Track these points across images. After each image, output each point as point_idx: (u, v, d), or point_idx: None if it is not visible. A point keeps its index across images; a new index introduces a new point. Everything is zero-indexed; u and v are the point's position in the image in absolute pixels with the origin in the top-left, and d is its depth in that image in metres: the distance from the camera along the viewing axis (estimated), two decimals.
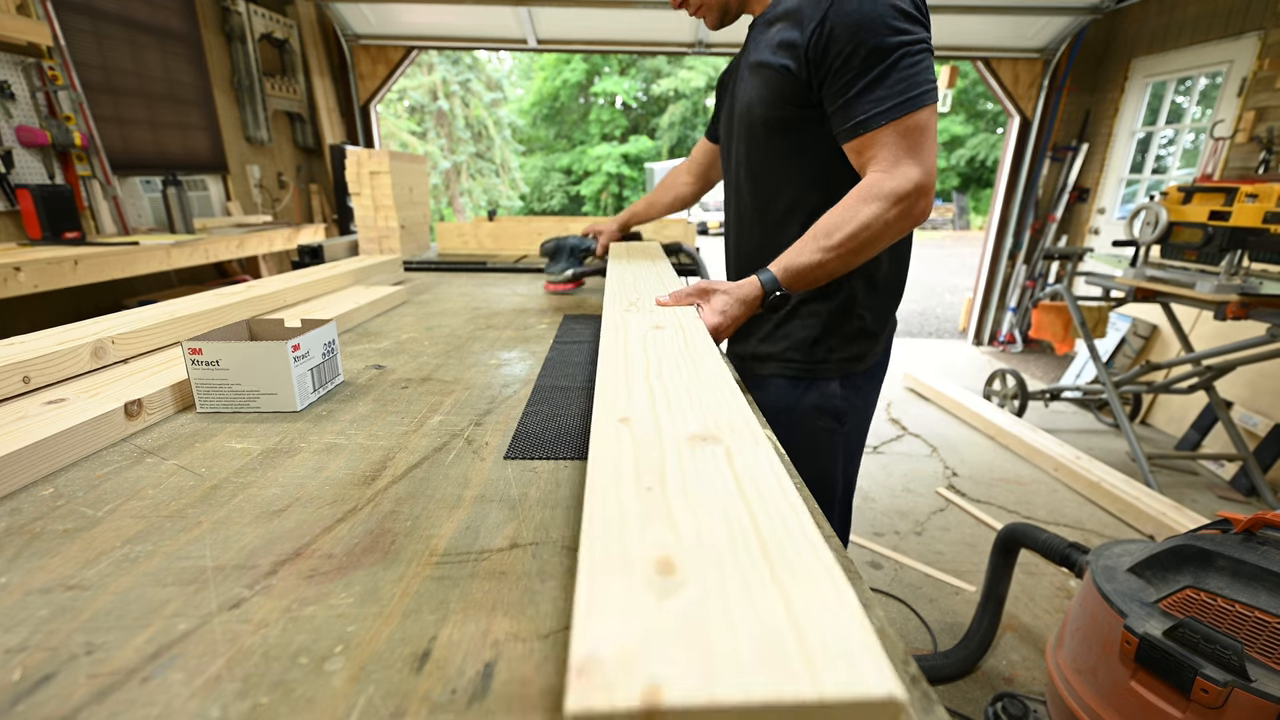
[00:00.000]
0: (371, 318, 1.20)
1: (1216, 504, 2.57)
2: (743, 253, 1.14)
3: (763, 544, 0.29)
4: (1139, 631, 1.03)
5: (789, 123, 0.94)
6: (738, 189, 1.10)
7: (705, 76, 17.82)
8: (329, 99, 4.36)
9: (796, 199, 1.00)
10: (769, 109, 0.95)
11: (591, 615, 0.24)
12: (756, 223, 1.07)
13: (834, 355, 1.05)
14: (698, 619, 0.24)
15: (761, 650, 0.22)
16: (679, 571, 0.27)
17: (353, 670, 0.33)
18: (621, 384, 0.54)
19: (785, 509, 0.33)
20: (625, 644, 0.23)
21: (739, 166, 1.07)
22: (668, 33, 4.35)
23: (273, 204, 3.99)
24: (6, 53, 2.36)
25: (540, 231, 2.15)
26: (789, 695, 0.20)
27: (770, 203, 1.04)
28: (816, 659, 0.22)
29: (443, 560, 0.43)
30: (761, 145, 1.00)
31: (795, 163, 0.98)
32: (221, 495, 0.51)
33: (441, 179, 15.24)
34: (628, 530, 0.31)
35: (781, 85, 0.91)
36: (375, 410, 0.71)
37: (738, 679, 0.21)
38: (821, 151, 0.94)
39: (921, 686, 0.33)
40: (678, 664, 0.22)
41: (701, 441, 0.41)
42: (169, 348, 0.89)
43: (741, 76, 1.03)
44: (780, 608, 0.25)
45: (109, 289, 2.67)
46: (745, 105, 1.00)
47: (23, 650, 0.34)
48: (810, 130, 0.93)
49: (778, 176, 1.01)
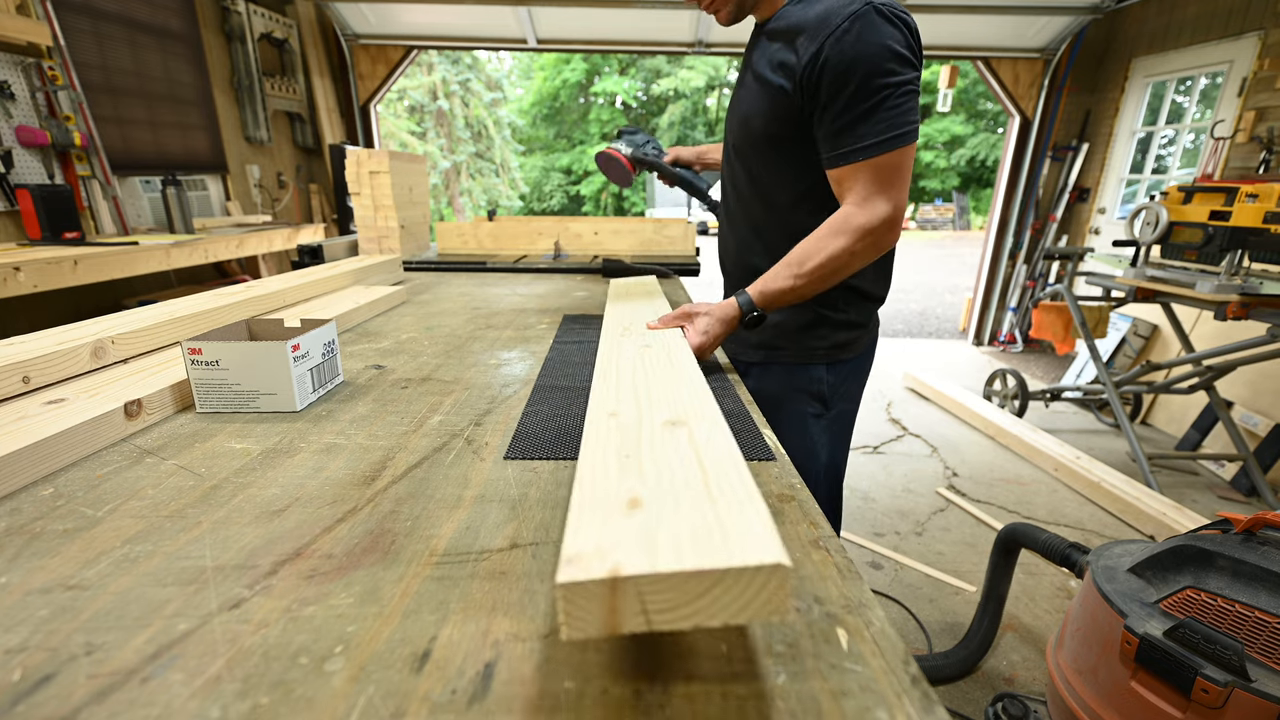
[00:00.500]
0: (371, 318, 1.19)
1: (1217, 504, 2.57)
2: (734, 245, 1.19)
3: (706, 484, 0.39)
4: (1139, 632, 1.03)
5: (783, 139, 0.99)
6: (734, 183, 1.15)
7: (705, 76, 17.82)
8: (329, 99, 4.36)
9: (788, 205, 1.06)
10: (767, 123, 1.00)
11: (578, 533, 0.33)
12: (748, 220, 1.13)
13: (822, 343, 1.11)
14: (652, 528, 0.33)
15: (693, 540, 0.32)
16: (643, 505, 0.36)
17: (353, 670, 0.33)
18: (612, 391, 0.62)
19: (727, 462, 0.42)
20: (600, 544, 0.32)
21: (737, 163, 1.12)
22: (668, 33, 4.36)
23: (272, 204, 3.99)
24: (6, 53, 2.36)
25: (540, 231, 2.15)
26: (706, 564, 0.29)
27: (764, 204, 1.08)
28: (731, 543, 0.31)
29: (443, 560, 0.43)
30: (760, 152, 1.05)
31: (789, 174, 1.03)
32: (221, 495, 0.51)
33: (441, 179, 15.24)
34: (608, 481, 0.40)
35: (777, 104, 0.96)
36: (375, 410, 0.71)
37: (674, 558, 0.30)
38: (813, 167, 0.99)
39: (921, 686, 0.33)
40: (634, 554, 0.31)
41: (672, 425, 0.50)
42: (169, 348, 0.88)
43: (745, 80, 1.06)
44: (712, 516, 0.34)
45: (109, 289, 2.67)
46: (745, 114, 1.05)
47: (23, 650, 0.34)
48: (804, 147, 0.98)
49: (772, 182, 1.06)
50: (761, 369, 1.15)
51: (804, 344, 1.11)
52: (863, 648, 0.35)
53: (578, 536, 0.33)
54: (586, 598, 0.29)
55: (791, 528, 0.48)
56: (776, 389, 1.14)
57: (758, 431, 0.67)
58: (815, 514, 0.51)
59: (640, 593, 0.29)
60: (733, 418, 0.71)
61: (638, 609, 0.29)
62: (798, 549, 0.45)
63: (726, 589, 0.29)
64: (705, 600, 0.29)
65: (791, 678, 0.33)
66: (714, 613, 0.30)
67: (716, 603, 0.29)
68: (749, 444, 0.64)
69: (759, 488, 0.54)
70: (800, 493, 0.54)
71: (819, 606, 0.39)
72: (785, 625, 0.37)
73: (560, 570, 0.30)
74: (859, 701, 0.32)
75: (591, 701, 0.31)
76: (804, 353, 1.11)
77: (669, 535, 0.32)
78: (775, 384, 1.14)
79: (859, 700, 0.32)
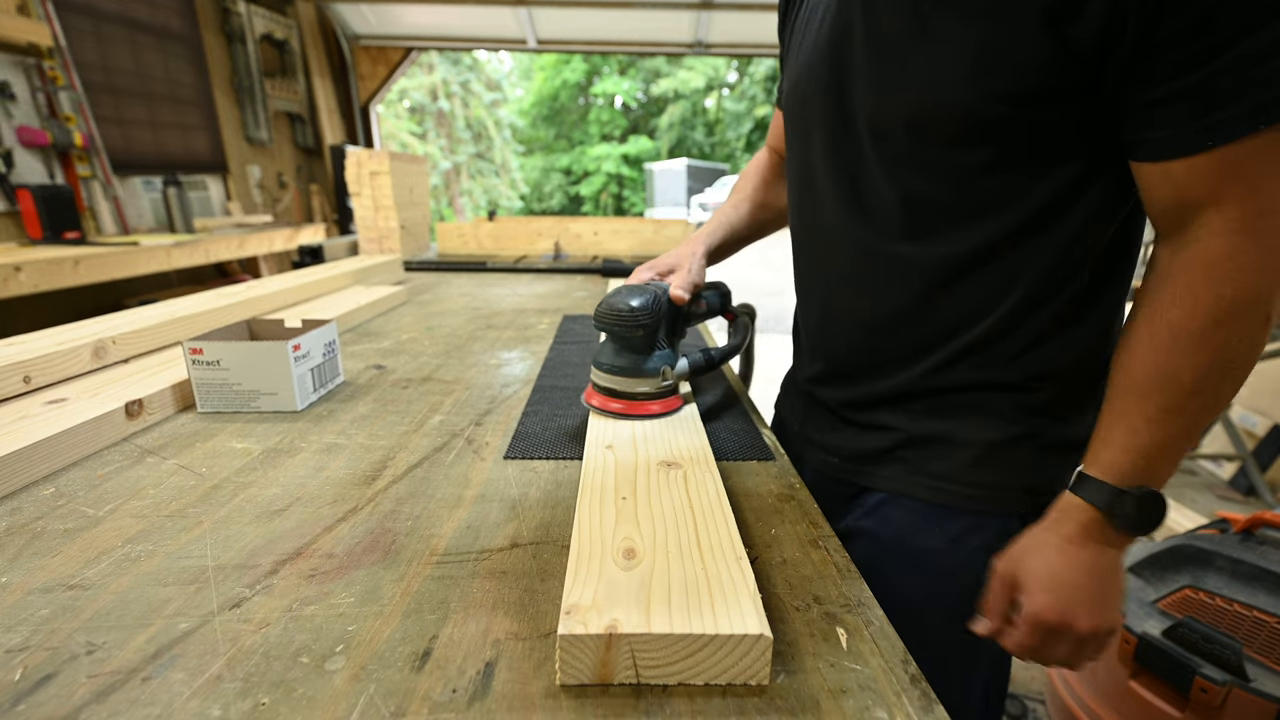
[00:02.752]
0: (372, 318, 1.20)
1: (1215, 504, 2.58)
2: (827, 311, 0.69)
3: (698, 538, 0.41)
4: (1138, 631, 1.03)
5: (1015, 122, 0.51)
6: (851, 203, 0.62)
7: (705, 77, 17.83)
8: (329, 99, 4.37)
9: (987, 246, 0.55)
10: (986, 98, 0.50)
11: (576, 582, 0.36)
12: (879, 273, 0.61)
13: (1023, 477, 0.60)
14: (647, 583, 0.36)
15: (685, 603, 0.34)
16: (639, 556, 0.38)
17: (353, 669, 0.33)
18: (610, 421, 0.62)
19: (719, 516, 0.44)
20: (597, 598, 0.34)
21: (863, 171, 0.60)
22: (667, 33, 4.36)
23: (273, 204, 3.99)
24: (7, 53, 2.36)
25: (540, 232, 2.15)
26: (696, 629, 0.32)
27: (932, 241, 0.57)
28: (718, 610, 0.33)
29: (443, 560, 0.43)
30: (938, 150, 0.54)
31: (1009, 185, 0.53)
32: (222, 495, 0.51)
33: (441, 179, 15.24)
34: (606, 527, 0.42)
35: (1030, 53, 0.48)
36: (375, 410, 0.71)
37: (666, 621, 0.32)
38: (1063, 166, 0.52)
39: (921, 686, 0.33)
40: (630, 612, 0.33)
41: (667, 467, 0.52)
42: (169, 348, 0.89)
43: (895, 27, 0.54)
44: (703, 576, 0.36)
45: (109, 289, 2.67)
46: (929, 85, 0.52)
47: (24, 650, 0.34)
48: (1051, 132, 0.51)
49: (959, 203, 0.55)
50: (894, 506, 0.64)
51: (990, 474, 0.60)
52: (862, 647, 0.35)
53: (575, 587, 0.35)
54: (583, 649, 0.31)
55: (791, 527, 0.48)
56: (922, 545, 0.62)
57: (757, 431, 0.67)
58: (814, 513, 0.51)
59: (633, 649, 0.32)
60: (732, 417, 0.71)
61: (629, 663, 0.32)
62: (797, 548, 0.45)
63: (712, 652, 0.32)
64: (692, 660, 0.32)
65: (791, 676, 0.33)
66: (698, 672, 0.32)
67: (702, 664, 0.32)
68: (749, 444, 0.64)
69: (758, 488, 0.55)
70: (799, 492, 0.54)
71: (818, 606, 0.39)
72: (785, 624, 0.37)
73: (561, 623, 0.32)
74: (858, 700, 0.32)
75: (592, 700, 0.31)
76: (989, 492, 0.60)
77: (662, 595, 0.34)
78: (920, 535, 0.62)
79: (858, 699, 0.32)
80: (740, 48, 4.69)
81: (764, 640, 0.32)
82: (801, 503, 0.52)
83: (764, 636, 0.32)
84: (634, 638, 0.31)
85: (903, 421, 0.63)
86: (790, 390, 0.81)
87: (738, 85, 19.33)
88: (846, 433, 0.68)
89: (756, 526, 0.48)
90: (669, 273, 0.75)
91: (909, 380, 0.62)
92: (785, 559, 0.44)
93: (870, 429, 0.66)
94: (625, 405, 0.63)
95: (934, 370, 0.61)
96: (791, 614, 0.38)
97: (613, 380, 0.63)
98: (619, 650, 0.32)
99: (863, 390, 0.66)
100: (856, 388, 0.67)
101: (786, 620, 0.38)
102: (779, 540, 0.46)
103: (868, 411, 0.66)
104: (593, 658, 0.32)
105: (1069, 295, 0.56)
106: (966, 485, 0.61)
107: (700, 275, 0.75)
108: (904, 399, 0.63)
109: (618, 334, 0.63)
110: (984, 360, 0.59)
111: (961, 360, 0.60)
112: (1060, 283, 0.56)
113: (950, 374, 0.60)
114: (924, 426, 0.62)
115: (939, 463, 0.62)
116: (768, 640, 0.32)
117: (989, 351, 0.59)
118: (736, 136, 19.45)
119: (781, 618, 0.38)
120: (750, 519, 0.49)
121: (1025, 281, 0.56)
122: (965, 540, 0.61)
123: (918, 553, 0.62)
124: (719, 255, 0.85)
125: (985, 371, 0.59)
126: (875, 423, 0.65)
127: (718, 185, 17.21)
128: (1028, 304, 0.56)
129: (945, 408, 0.62)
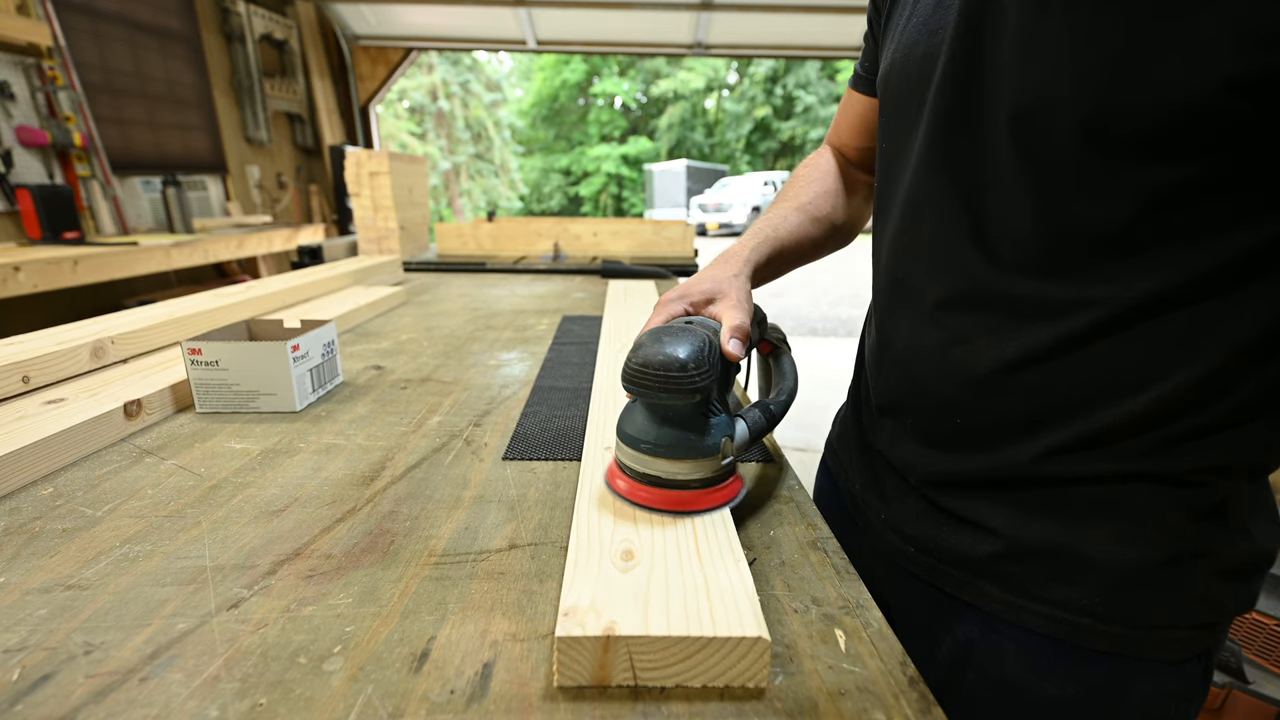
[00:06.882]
0: (371, 318, 1.20)
1: None
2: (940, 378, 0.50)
3: (696, 540, 0.40)
4: None
5: (1255, 127, 0.35)
6: (963, 221, 0.47)
7: (704, 78, 17.84)
8: (328, 99, 4.37)
9: (1178, 284, 0.40)
10: (1231, 88, 0.34)
11: (574, 584, 0.35)
12: (1015, 309, 0.45)
13: (1193, 612, 0.45)
14: (644, 586, 0.35)
15: (683, 604, 0.34)
16: (636, 558, 0.38)
17: (351, 670, 0.33)
18: (610, 417, 0.62)
19: (717, 518, 0.44)
20: (595, 600, 0.34)
21: (988, 183, 0.45)
22: (667, 34, 4.36)
23: (272, 204, 3.99)
24: (6, 53, 2.36)
25: (539, 232, 2.15)
26: (694, 631, 0.32)
27: (1082, 281, 0.42)
28: (716, 612, 0.33)
29: (441, 560, 0.43)
30: (1122, 163, 0.39)
31: (1208, 207, 0.38)
32: (221, 495, 0.51)
33: (441, 180, 15.25)
34: (604, 528, 0.42)
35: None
36: (374, 411, 0.71)
37: (665, 623, 0.32)
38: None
39: (919, 688, 0.33)
40: (628, 614, 0.33)
41: None
42: (168, 348, 0.89)
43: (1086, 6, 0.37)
44: (701, 578, 0.36)
45: (109, 289, 2.67)
46: (1098, 75, 0.37)
47: (21, 650, 0.34)
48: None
49: (1132, 233, 0.40)
50: (1007, 637, 0.48)
51: (1146, 614, 0.44)
52: (860, 649, 0.35)
53: (574, 588, 0.35)
54: (580, 650, 0.31)
55: (790, 529, 0.48)
56: (1052, 694, 0.47)
57: None
58: (813, 515, 0.51)
59: (630, 651, 0.32)
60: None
61: (626, 665, 0.32)
62: (796, 550, 0.45)
63: (710, 654, 0.32)
64: (690, 662, 0.32)
65: (789, 678, 0.33)
66: (696, 674, 0.32)
67: (700, 666, 0.32)
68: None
69: (757, 489, 0.55)
70: (799, 494, 0.54)
71: (816, 608, 0.39)
72: (783, 626, 0.37)
73: (559, 624, 0.32)
74: (857, 702, 0.32)
75: (589, 702, 0.31)
76: (1145, 631, 0.45)
77: (660, 597, 0.34)
78: (1050, 681, 0.47)
79: (857, 701, 0.32)
80: (740, 49, 4.69)
81: (762, 642, 0.32)
82: (800, 505, 0.52)
83: (762, 639, 0.32)
84: (632, 640, 0.31)
85: (1008, 520, 0.47)
86: (848, 439, 0.65)
87: (737, 86, 19.35)
88: (927, 520, 0.53)
89: (755, 528, 0.48)
90: (705, 302, 0.54)
91: (1018, 461, 0.46)
92: (784, 561, 0.44)
93: (962, 524, 0.50)
94: (677, 498, 0.44)
95: (1056, 452, 0.45)
96: (790, 616, 0.38)
97: (658, 466, 0.44)
98: (617, 652, 0.32)
99: (953, 466, 0.50)
100: (945, 460, 0.51)
101: (785, 622, 0.38)
102: (777, 542, 0.46)
103: (957, 495, 0.50)
104: (590, 659, 0.32)
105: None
106: (1100, 620, 0.44)
107: (749, 309, 0.53)
108: (1009, 485, 0.47)
109: (664, 401, 0.42)
110: (1134, 444, 0.43)
111: (1100, 442, 0.43)
112: (1273, 347, 0.40)
113: (1082, 459, 0.44)
114: (1037, 531, 0.46)
115: (1060, 588, 0.45)
116: (766, 642, 0.32)
117: (1145, 434, 0.42)
118: (736, 138, 19.48)
119: (780, 620, 0.38)
120: (749, 521, 0.49)
121: (1220, 342, 0.40)
122: (1111, 692, 0.46)
123: (1047, 702, 0.47)
124: (764, 276, 0.65)
125: (1132, 460, 0.43)
126: (969, 515, 0.49)
127: (717, 186, 17.22)
128: (1223, 373, 0.40)
129: (1069, 504, 0.45)
